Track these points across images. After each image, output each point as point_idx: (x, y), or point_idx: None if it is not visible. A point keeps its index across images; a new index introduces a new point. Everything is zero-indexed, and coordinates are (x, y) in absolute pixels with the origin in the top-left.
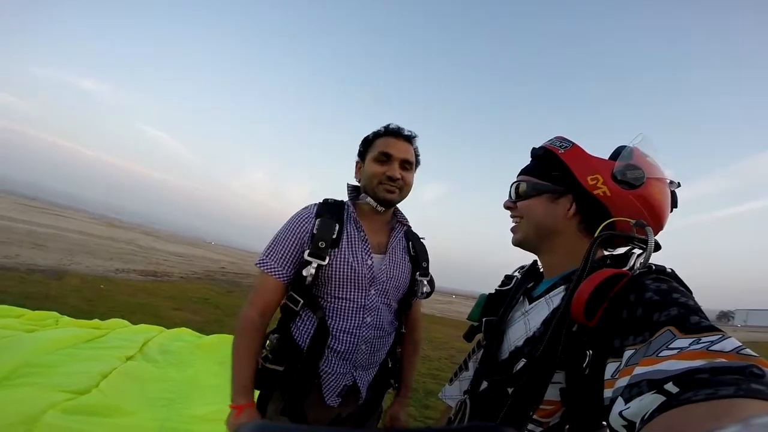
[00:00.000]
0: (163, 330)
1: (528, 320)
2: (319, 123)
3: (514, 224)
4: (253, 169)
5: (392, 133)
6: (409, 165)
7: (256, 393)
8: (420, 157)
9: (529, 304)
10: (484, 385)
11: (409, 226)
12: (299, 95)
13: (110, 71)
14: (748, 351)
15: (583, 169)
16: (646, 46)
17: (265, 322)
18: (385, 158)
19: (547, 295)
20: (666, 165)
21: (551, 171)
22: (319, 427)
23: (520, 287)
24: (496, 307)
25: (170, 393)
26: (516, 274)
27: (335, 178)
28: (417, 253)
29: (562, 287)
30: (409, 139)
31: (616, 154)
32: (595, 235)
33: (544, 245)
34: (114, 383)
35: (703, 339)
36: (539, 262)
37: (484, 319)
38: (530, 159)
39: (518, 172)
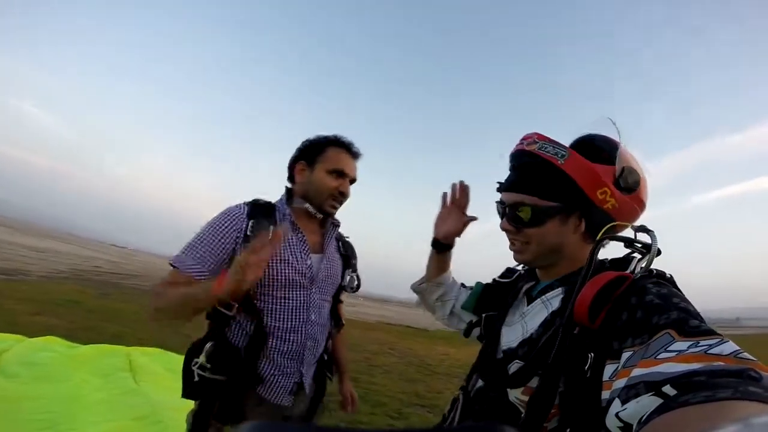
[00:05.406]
0: (23, 339)
1: (525, 322)
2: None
3: (516, 246)
4: (145, 156)
5: (346, 147)
6: (353, 182)
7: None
8: None
9: (527, 305)
10: (480, 383)
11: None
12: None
13: None
14: (746, 354)
15: (591, 184)
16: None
17: None
18: (339, 174)
19: (544, 296)
20: (631, 146)
21: (554, 186)
22: (319, 427)
23: (521, 285)
24: (492, 299)
25: (48, 413)
26: (519, 268)
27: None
28: (347, 252)
29: (560, 289)
30: (358, 157)
31: (586, 144)
32: (597, 238)
33: (552, 259)
34: None
35: (702, 342)
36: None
37: (483, 315)
38: (513, 166)
39: (508, 186)
